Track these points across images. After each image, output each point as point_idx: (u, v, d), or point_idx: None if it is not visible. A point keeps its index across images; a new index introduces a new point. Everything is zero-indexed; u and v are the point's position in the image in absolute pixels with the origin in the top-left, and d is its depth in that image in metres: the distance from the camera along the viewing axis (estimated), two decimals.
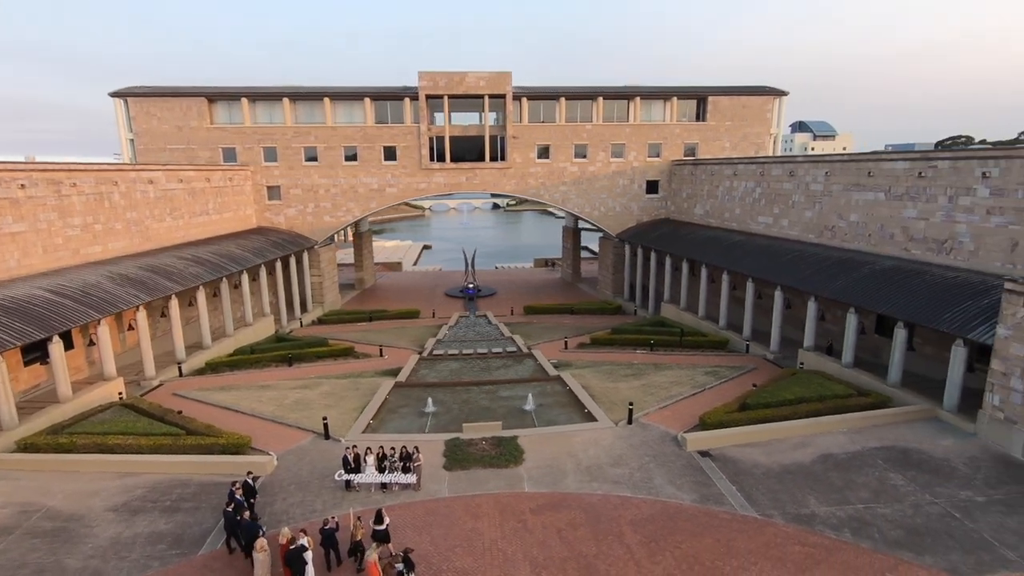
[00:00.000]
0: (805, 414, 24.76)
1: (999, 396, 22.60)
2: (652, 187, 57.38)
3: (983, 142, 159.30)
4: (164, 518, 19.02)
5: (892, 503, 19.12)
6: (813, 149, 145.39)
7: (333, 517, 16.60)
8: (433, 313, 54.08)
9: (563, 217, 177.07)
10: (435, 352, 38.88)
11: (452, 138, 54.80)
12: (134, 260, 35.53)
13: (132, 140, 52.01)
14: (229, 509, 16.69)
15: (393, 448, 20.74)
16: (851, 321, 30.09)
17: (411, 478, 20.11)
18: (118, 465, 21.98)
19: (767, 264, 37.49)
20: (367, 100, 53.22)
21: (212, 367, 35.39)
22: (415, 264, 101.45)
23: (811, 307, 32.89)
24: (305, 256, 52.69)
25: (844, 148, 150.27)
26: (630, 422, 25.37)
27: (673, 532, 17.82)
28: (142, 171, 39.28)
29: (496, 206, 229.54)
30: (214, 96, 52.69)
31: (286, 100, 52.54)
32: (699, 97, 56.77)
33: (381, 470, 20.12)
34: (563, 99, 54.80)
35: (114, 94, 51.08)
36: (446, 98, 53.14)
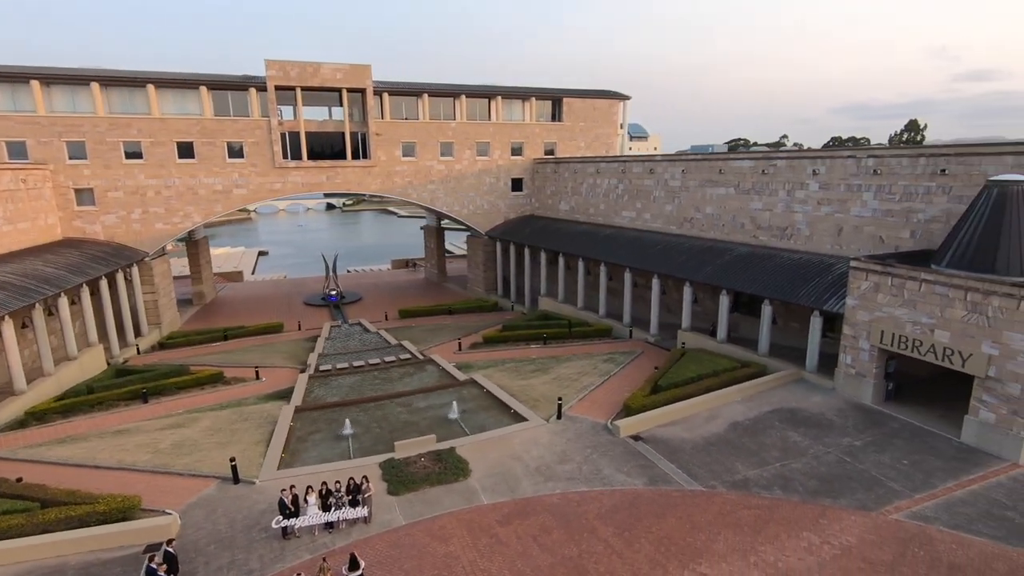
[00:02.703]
0: (707, 389, 27.44)
1: (851, 356, 27.30)
2: (517, 185, 58.79)
3: (756, 144, 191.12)
4: None
5: (799, 457, 22.06)
6: (632, 149, 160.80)
7: (300, 574, 14.32)
8: (299, 325, 49.45)
9: (405, 216, 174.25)
10: (322, 368, 35.55)
11: (308, 134, 50.35)
12: None
13: None
14: None
15: (338, 482, 18.50)
16: (723, 302, 34.02)
17: (362, 512, 18.15)
18: None
19: (641, 255, 40.70)
20: (203, 89, 46.42)
21: (36, 416, 28.22)
22: (253, 272, 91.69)
23: (687, 291, 36.50)
24: (135, 270, 44.52)
25: (655, 148, 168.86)
26: (559, 417, 25.79)
27: (639, 518, 18.53)
28: None
29: (331, 206, 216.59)
30: None
31: (95, 85, 43.60)
32: (555, 99, 59.40)
33: (327, 508, 17.85)
34: (426, 95, 53.44)
35: None
36: (298, 90, 48.70)
